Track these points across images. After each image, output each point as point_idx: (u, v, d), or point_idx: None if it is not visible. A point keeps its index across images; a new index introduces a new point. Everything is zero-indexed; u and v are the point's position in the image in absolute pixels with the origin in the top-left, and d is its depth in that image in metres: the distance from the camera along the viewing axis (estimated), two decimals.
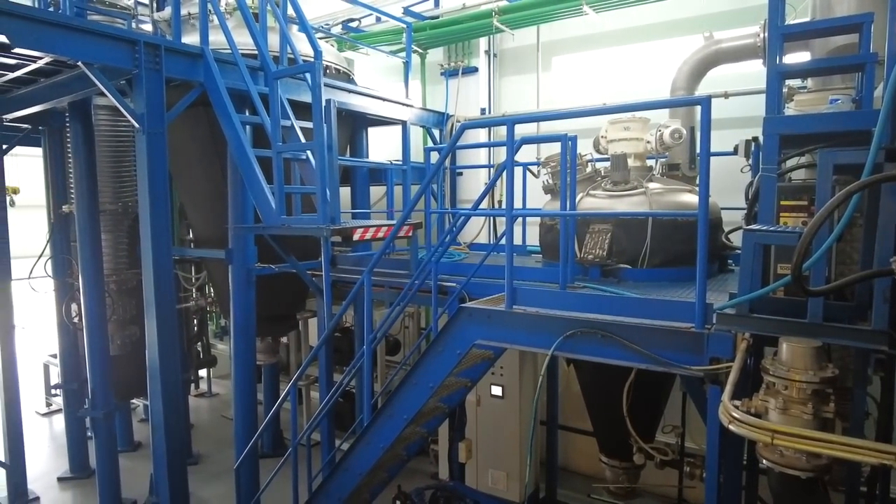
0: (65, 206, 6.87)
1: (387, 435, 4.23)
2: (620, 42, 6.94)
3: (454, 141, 4.01)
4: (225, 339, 10.44)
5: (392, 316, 4.68)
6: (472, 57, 7.91)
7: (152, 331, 4.65)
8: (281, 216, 4.66)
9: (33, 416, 9.07)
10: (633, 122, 4.81)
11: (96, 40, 4.16)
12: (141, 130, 4.40)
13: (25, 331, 7.05)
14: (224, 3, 5.43)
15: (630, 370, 4.40)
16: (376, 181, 7.21)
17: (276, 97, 4.65)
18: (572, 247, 4.26)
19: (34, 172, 8.24)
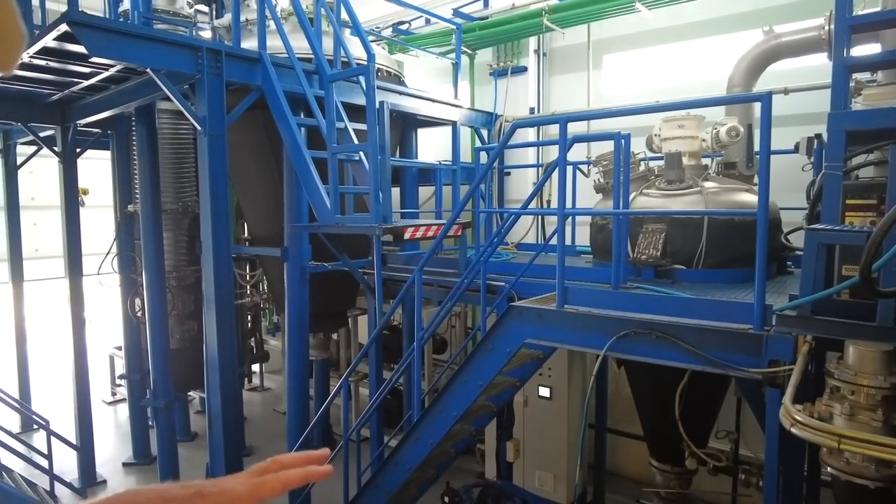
0: (130, 205, 7.22)
1: (436, 431, 4.28)
2: (673, 39, 6.80)
3: (506, 140, 4.02)
4: (277, 336, 10.73)
5: (441, 314, 4.73)
6: (521, 57, 7.90)
7: (211, 326, 4.83)
8: (335, 215, 4.77)
9: (100, 405, 9.54)
10: (687, 119, 4.71)
11: (163, 48, 4.37)
12: (203, 133, 4.59)
13: (93, 324, 7.42)
14: (280, 9, 5.60)
15: (683, 373, 4.31)
16: (425, 181, 7.29)
17: (332, 100, 4.76)
18: (625, 247, 4.21)
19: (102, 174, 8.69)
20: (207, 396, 5.20)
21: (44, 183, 9.73)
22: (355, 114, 5.12)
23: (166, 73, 4.47)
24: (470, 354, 4.07)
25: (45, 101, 6.25)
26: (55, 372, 9.98)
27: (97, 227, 8.90)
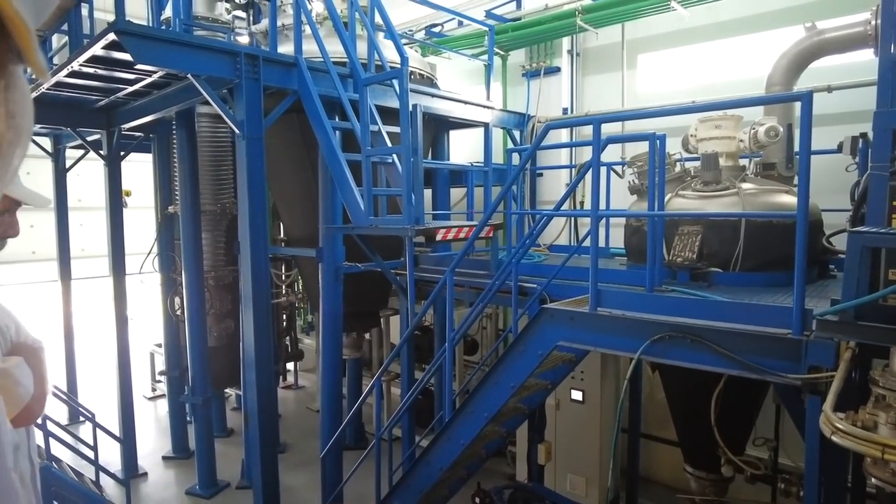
0: (170, 206, 7.44)
1: (467, 432, 4.29)
2: (710, 37, 6.67)
3: (538, 141, 4.02)
4: (311, 334, 10.90)
5: (472, 315, 4.74)
6: (554, 57, 7.86)
7: (249, 324, 4.95)
8: (369, 217, 4.83)
9: (141, 400, 9.85)
10: (724, 119, 4.62)
11: (203, 54, 4.50)
12: (241, 136, 4.71)
13: (134, 321, 7.67)
14: (315, 14, 5.70)
15: (719, 377, 4.23)
16: (457, 183, 7.31)
17: (366, 103, 4.82)
18: (660, 249, 4.16)
19: (144, 176, 8.99)
20: (244, 393, 5.33)
21: (90, 185, 10.11)
22: (388, 116, 5.18)
23: (206, 78, 4.60)
24: (501, 356, 4.07)
25: (93, 107, 6.50)
26: (100, 367, 10.33)
27: (139, 227, 9.19)
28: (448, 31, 8.93)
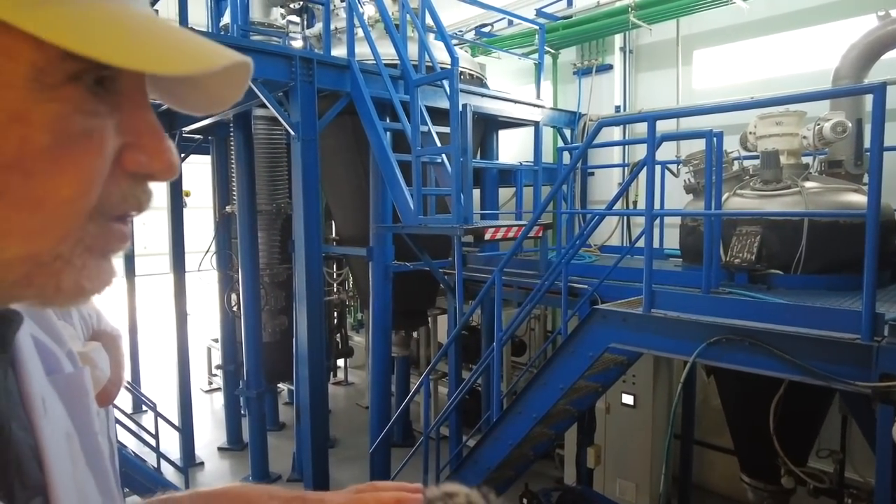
0: (228, 206, 7.70)
1: (515, 433, 4.27)
2: (771, 30, 6.41)
3: (590, 139, 3.97)
4: (361, 332, 11.07)
5: (521, 316, 4.72)
6: (605, 55, 7.73)
7: (302, 321, 5.07)
8: (418, 216, 4.88)
9: (198, 393, 10.24)
10: (786, 116, 4.43)
11: (260, 57, 4.64)
12: (296, 138, 4.84)
13: (192, 317, 7.99)
14: (367, 17, 5.79)
15: (779, 384, 4.06)
16: (506, 182, 7.29)
17: (417, 104, 4.87)
18: (717, 250, 4.03)
19: (203, 177, 9.34)
20: (296, 388, 5.46)
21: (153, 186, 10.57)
22: (438, 117, 5.21)
23: (262, 81, 4.75)
24: (551, 357, 4.04)
25: (157, 111, 6.76)
26: (160, 360, 10.80)
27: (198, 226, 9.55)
28: (498, 30, 8.91)
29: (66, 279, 0.43)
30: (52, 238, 0.42)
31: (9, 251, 0.41)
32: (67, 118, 0.40)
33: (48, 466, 0.52)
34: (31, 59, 0.38)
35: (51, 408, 0.55)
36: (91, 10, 0.38)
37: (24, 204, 0.40)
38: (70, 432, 0.57)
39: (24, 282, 0.42)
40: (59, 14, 0.37)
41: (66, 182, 0.41)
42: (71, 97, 0.40)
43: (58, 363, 0.61)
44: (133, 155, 0.45)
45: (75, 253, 0.44)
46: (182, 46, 0.41)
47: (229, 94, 0.50)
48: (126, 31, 0.39)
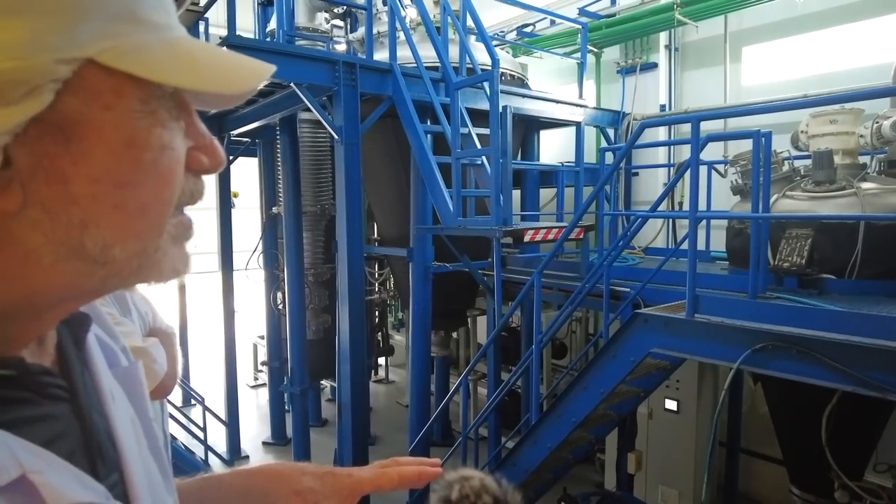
0: (274, 207, 7.91)
1: (554, 436, 4.25)
2: (825, 24, 6.16)
3: (633, 140, 3.91)
4: (401, 331, 11.19)
5: (560, 318, 4.69)
6: (650, 53, 7.58)
7: (345, 320, 5.17)
8: (458, 218, 4.90)
9: (244, 388, 10.53)
10: (841, 114, 4.25)
11: (305, 63, 4.77)
12: (339, 141, 4.94)
13: (239, 314, 8.23)
14: (409, 20, 5.85)
15: (831, 393, 3.91)
16: (546, 183, 7.24)
17: (457, 107, 4.89)
18: (765, 253, 3.91)
19: (250, 179, 9.61)
20: (338, 385, 5.57)
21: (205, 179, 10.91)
22: (479, 118, 5.23)
23: (307, 86, 4.86)
24: (591, 361, 4.00)
25: (207, 115, 7.00)
26: (208, 356, 11.17)
27: (245, 226, 9.82)
28: (539, 30, 8.85)
29: (165, 266, 0.52)
30: (156, 235, 0.51)
31: (126, 250, 0.49)
32: (160, 136, 0.49)
33: (121, 447, 0.60)
34: (134, 93, 0.47)
35: (117, 397, 0.63)
36: (165, 49, 0.48)
37: (136, 211, 0.48)
38: (133, 418, 0.65)
39: (136, 273, 0.51)
40: (147, 56, 0.46)
41: (164, 188, 0.50)
42: (159, 118, 0.49)
43: (116, 358, 0.69)
44: (196, 155, 0.54)
45: (167, 242, 0.52)
46: (236, 69, 0.51)
47: (241, 94, 0.57)
48: (193, 61, 0.49)
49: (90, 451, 0.56)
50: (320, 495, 0.80)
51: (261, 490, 0.81)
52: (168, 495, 0.67)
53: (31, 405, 0.52)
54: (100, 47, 0.44)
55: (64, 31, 0.43)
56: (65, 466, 0.50)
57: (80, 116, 0.45)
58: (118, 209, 0.47)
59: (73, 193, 0.46)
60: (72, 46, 0.43)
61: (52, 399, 0.54)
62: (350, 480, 0.82)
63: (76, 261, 0.47)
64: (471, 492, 0.43)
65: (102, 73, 0.45)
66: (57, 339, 0.59)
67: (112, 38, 0.45)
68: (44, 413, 0.52)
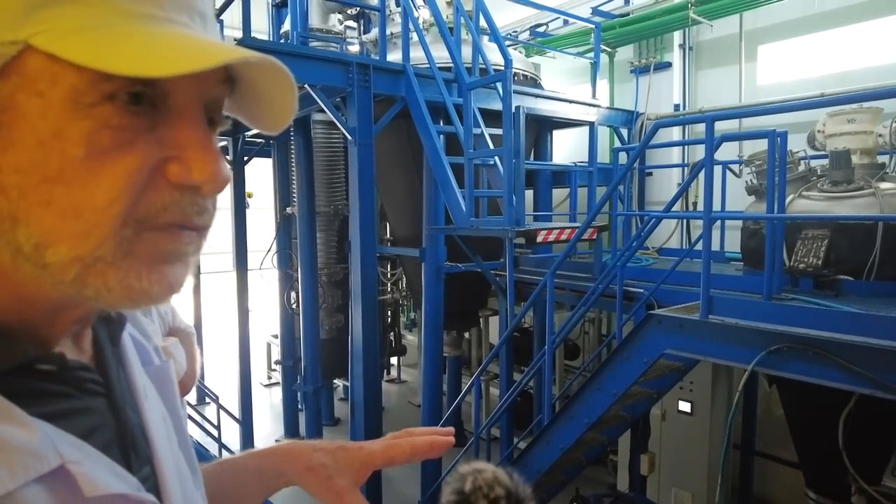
0: (288, 208, 7.96)
1: (566, 437, 4.25)
2: (842, 22, 6.08)
3: (646, 140, 3.90)
4: (414, 331, 11.21)
5: (573, 319, 4.68)
6: (664, 52, 7.53)
7: (357, 319, 5.20)
8: (470, 218, 4.91)
9: (257, 387, 10.61)
10: (859, 113, 4.20)
11: (319, 64, 4.80)
12: (353, 142, 4.96)
13: (253, 313, 8.30)
14: (422, 21, 5.87)
15: (848, 396, 3.86)
16: (559, 183, 7.22)
17: (470, 107, 4.90)
18: (780, 254, 3.87)
19: (264, 179, 9.69)
20: (351, 384, 5.60)
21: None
22: (492, 118, 5.23)
23: (321, 87, 4.89)
24: (604, 362, 3.99)
25: None
26: (222, 354, 11.27)
27: (260, 226, 9.90)
28: (553, 30, 8.82)
29: (111, 279, 0.47)
30: (91, 242, 0.46)
31: (59, 254, 0.46)
32: (97, 133, 0.45)
33: (152, 442, 0.62)
34: (72, 82, 0.44)
35: (149, 394, 0.65)
36: (114, 34, 0.44)
37: (67, 212, 0.45)
38: (164, 415, 0.67)
39: (79, 281, 0.47)
40: (86, 40, 0.43)
41: (99, 190, 0.45)
42: (102, 114, 0.45)
43: (149, 356, 0.71)
44: (173, 166, 0.49)
45: (117, 255, 0.47)
46: (186, 53, 0.45)
47: (286, 103, 0.56)
48: (135, 45, 0.44)
49: (124, 444, 0.58)
50: (332, 470, 0.80)
51: (275, 470, 0.83)
52: (196, 490, 0.69)
53: (70, 399, 0.53)
54: (33, 31, 0.42)
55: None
56: (101, 458, 0.52)
57: (10, 102, 0.43)
58: (47, 207, 0.45)
59: (3, 184, 0.44)
60: (4, 30, 0.42)
61: (90, 394, 0.56)
62: (361, 454, 0.82)
63: (24, 262, 0.46)
64: (483, 483, 0.45)
65: (45, 59, 0.43)
66: (94, 337, 0.60)
67: (50, 21, 0.42)
68: (82, 407, 0.54)
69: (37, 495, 0.46)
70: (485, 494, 0.46)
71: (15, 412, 0.46)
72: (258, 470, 0.84)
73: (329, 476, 0.80)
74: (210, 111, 0.53)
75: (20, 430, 0.46)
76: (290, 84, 0.54)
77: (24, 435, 0.46)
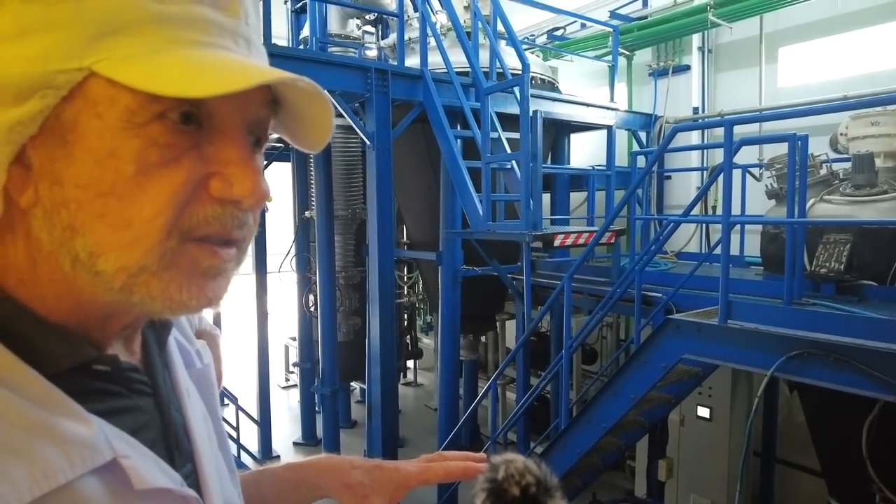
0: (307, 211, 8.04)
1: (583, 441, 4.23)
2: (865, 23, 5.98)
3: (665, 144, 3.88)
4: (430, 334, 11.23)
5: (591, 323, 4.66)
6: (683, 55, 7.49)
7: (375, 322, 5.23)
8: (487, 222, 4.92)
9: (275, 389, 10.69)
10: (883, 115, 4.14)
11: (338, 70, 4.86)
12: (371, 147, 5.01)
13: (272, 316, 8.38)
14: (439, 25, 5.90)
15: (873, 402, 3.80)
16: (577, 187, 7.20)
17: (487, 112, 4.90)
18: (800, 259, 3.83)
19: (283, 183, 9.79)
20: (368, 387, 5.63)
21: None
22: (509, 122, 5.23)
23: (340, 93, 4.94)
24: (622, 366, 3.97)
25: None
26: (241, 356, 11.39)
27: (279, 229, 10.00)
28: (570, 33, 8.81)
29: (154, 289, 0.51)
30: (138, 252, 0.49)
31: (110, 262, 0.49)
32: (146, 150, 0.48)
33: (194, 441, 0.65)
34: (126, 104, 0.48)
35: (192, 395, 0.69)
36: (164, 59, 0.48)
37: (118, 223, 0.49)
38: (205, 416, 0.70)
39: (127, 289, 0.50)
40: (139, 65, 0.47)
41: (147, 203, 0.49)
42: (151, 133, 0.48)
43: (192, 359, 0.74)
44: (216, 182, 0.52)
45: (161, 266, 0.50)
46: (226, 74, 0.48)
47: (324, 122, 0.59)
48: (180, 68, 0.48)
49: (168, 442, 0.61)
50: (369, 489, 0.83)
51: (312, 483, 0.86)
52: (234, 488, 0.72)
53: (121, 398, 0.57)
54: (95, 59, 0.46)
55: (66, 46, 0.46)
56: (148, 454, 0.56)
57: (74, 123, 0.48)
58: (101, 219, 0.48)
59: (65, 197, 0.48)
60: (72, 58, 0.46)
61: (139, 393, 0.60)
62: (397, 475, 0.84)
63: (81, 269, 0.50)
64: (515, 472, 0.48)
65: (105, 83, 0.47)
66: (142, 340, 0.64)
67: (110, 49, 0.47)
68: (132, 405, 0.58)
69: (92, 486, 0.49)
70: (517, 482, 0.49)
71: (75, 408, 0.50)
72: (296, 482, 0.87)
73: (365, 494, 0.82)
74: (255, 131, 0.56)
75: (79, 425, 0.50)
76: (325, 104, 0.56)
77: (83, 429, 0.50)
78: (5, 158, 0.48)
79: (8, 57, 0.46)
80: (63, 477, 0.47)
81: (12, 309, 0.51)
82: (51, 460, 0.47)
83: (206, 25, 0.51)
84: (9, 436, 0.46)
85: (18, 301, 0.52)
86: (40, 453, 0.46)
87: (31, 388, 0.49)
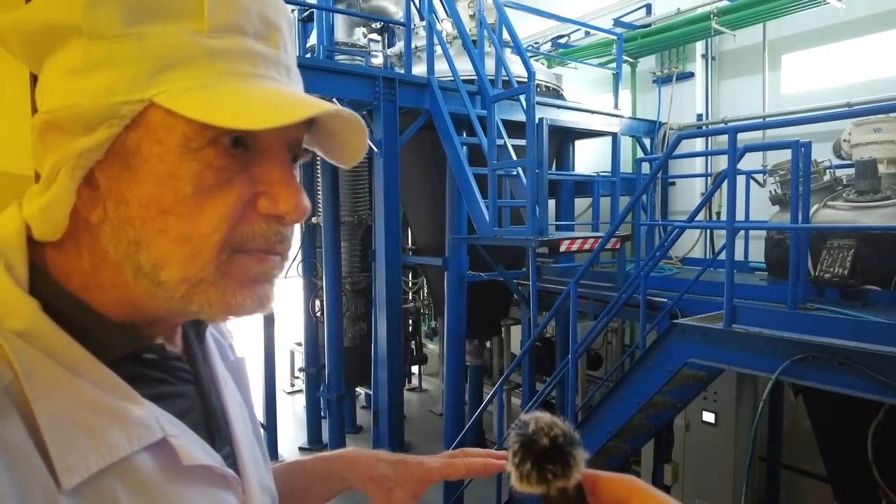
0: (313, 217, 8.09)
1: (589, 446, 4.08)
2: (870, 30, 6.03)
3: (669, 151, 3.93)
4: (434, 340, 11.25)
5: (596, 329, 4.69)
6: (686, 62, 7.54)
7: (381, 327, 5.27)
8: (493, 228, 4.97)
9: (281, 394, 10.72)
10: (886, 122, 4.18)
11: (346, 79, 4.92)
12: (379, 154, 5.07)
13: (277, 321, 8.43)
14: (445, 33, 5.96)
15: (878, 407, 3.82)
16: (582, 193, 7.24)
17: (493, 119, 4.96)
18: (804, 264, 3.86)
19: None
20: (374, 392, 5.67)
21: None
22: (515, 129, 5.29)
23: (348, 101, 5.00)
24: (627, 371, 4.00)
25: None
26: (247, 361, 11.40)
27: None
28: (575, 41, 8.87)
29: (212, 296, 0.56)
30: (197, 265, 0.55)
31: (172, 274, 0.54)
32: (203, 173, 0.53)
33: (232, 426, 0.71)
34: (183, 131, 0.53)
35: (228, 384, 0.75)
36: (218, 91, 0.53)
37: (178, 239, 0.54)
38: (240, 404, 0.77)
39: (187, 298, 0.56)
40: (195, 97, 0.52)
41: (204, 221, 0.54)
42: (206, 157, 0.53)
43: (226, 352, 0.81)
44: (263, 200, 0.57)
45: (216, 276, 0.55)
46: (275, 108, 0.53)
47: (357, 143, 0.64)
48: (234, 101, 0.53)
49: (209, 425, 0.68)
50: (393, 482, 0.87)
51: (339, 475, 0.90)
52: (267, 473, 0.78)
53: (167, 384, 0.63)
54: (156, 91, 0.52)
55: (129, 79, 0.52)
56: (192, 435, 0.61)
57: (137, 149, 0.53)
58: (163, 235, 0.53)
59: (130, 215, 0.54)
60: (135, 91, 0.52)
61: (182, 381, 0.66)
62: (421, 469, 0.88)
63: (144, 279, 0.55)
64: (545, 425, 0.54)
65: (164, 113, 0.52)
66: (183, 333, 0.70)
67: (168, 82, 0.52)
68: (177, 391, 0.64)
69: (145, 460, 0.55)
70: (546, 433, 0.56)
71: (131, 392, 0.57)
72: (324, 473, 0.92)
73: (390, 487, 0.87)
74: (293, 149, 0.61)
75: (135, 407, 0.56)
76: (362, 129, 0.63)
77: (138, 411, 0.56)
78: (76, 182, 0.54)
79: (77, 89, 0.52)
80: (123, 451, 0.53)
81: (75, 303, 0.57)
82: (113, 437, 0.53)
83: (253, 57, 0.56)
84: (81, 414, 0.52)
85: (80, 299, 0.58)
86: (105, 430, 0.53)
87: (95, 374, 0.55)
